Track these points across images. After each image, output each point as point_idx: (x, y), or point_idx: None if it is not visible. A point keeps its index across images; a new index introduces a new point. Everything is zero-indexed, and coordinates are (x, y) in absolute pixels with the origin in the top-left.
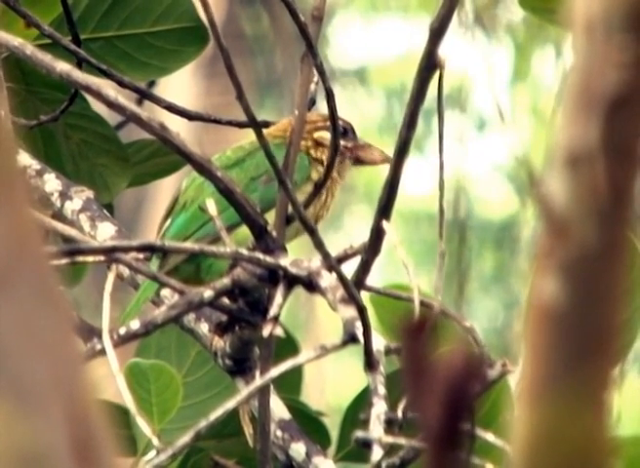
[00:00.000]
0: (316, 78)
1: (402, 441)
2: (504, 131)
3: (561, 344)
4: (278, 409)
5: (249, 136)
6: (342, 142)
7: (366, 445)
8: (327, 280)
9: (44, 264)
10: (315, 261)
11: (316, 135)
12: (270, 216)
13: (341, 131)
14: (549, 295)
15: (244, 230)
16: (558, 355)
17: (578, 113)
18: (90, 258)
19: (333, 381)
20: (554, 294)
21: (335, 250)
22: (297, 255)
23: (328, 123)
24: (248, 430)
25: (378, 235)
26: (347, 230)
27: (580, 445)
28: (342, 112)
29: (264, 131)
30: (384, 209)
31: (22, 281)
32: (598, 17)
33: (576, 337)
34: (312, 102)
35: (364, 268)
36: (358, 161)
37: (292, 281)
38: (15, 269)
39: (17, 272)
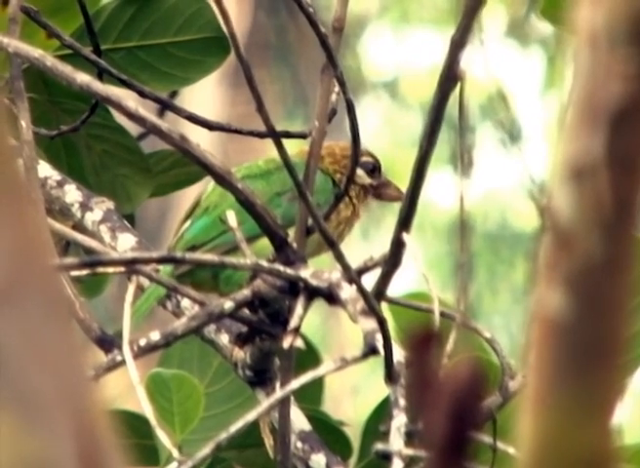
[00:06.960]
0: (337, 89)
1: (422, 453)
2: (522, 147)
3: (565, 355)
4: (298, 420)
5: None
6: (368, 180)
7: (386, 457)
8: (347, 292)
9: (50, 277)
10: (335, 273)
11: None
12: (290, 232)
13: (370, 168)
14: (554, 307)
15: (263, 241)
16: (562, 366)
17: (581, 125)
18: (110, 270)
19: (364, 394)
20: (559, 306)
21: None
22: (317, 267)
23: (363, 158)
24: (268, 441)
25: (398, 247)
26: (377, 243)
27: (585, 456)
28: (375, 125)
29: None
30: (405, 221)
31: (28, 294)
32: (602, 29)
33: (580, 349)
34: (333, 113)
35: (384, 280)
36: (378, 197)
37: (312, 293)
38: (20, 283)
39: (22, 286)
